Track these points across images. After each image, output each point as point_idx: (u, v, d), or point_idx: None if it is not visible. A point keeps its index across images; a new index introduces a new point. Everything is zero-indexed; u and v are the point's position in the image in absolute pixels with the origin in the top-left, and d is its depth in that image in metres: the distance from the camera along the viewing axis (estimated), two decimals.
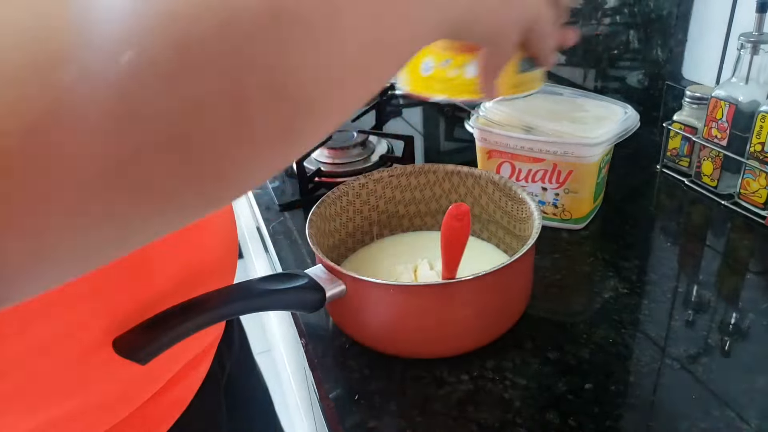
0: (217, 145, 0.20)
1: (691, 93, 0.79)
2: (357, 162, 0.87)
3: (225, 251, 0.53)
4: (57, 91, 0.17)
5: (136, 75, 0.18)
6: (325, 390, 0.52)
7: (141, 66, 0.18)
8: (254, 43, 0.20)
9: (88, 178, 0.18)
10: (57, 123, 0.17)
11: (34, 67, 0.16)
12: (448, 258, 0.52)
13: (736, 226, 0.72)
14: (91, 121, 0.17)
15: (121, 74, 0.17)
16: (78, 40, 0.17)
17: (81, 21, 0.17)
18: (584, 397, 0.50)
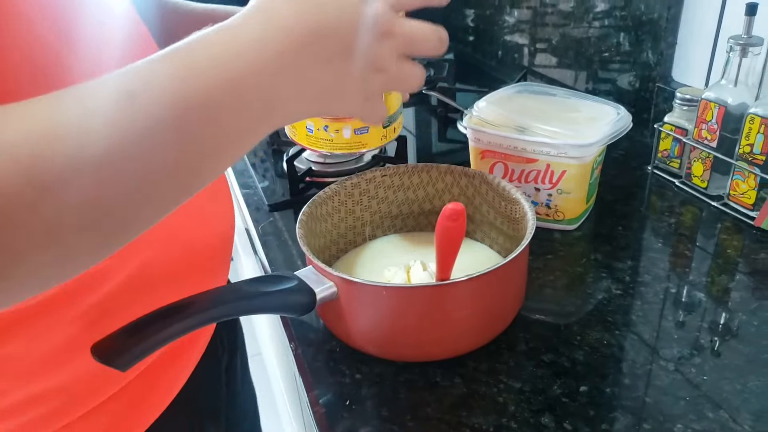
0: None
1: (681, 95, 0.79)
2: (349, 162, 0.86)
3: (221, 244, 0.55)
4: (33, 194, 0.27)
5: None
6: (315, 395, 0.51)
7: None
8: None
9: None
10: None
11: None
12: (442, 258, 0.51)
13: (726, 227, 0.72)
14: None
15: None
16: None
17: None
18: (579, 400, 0.49)
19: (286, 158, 0.82)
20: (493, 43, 1.30)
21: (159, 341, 0.41)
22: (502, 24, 1.26)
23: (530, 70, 1.20)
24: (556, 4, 1.09)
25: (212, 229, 0.54)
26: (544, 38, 1.15)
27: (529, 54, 1.20)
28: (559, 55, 1.12)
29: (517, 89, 0.77)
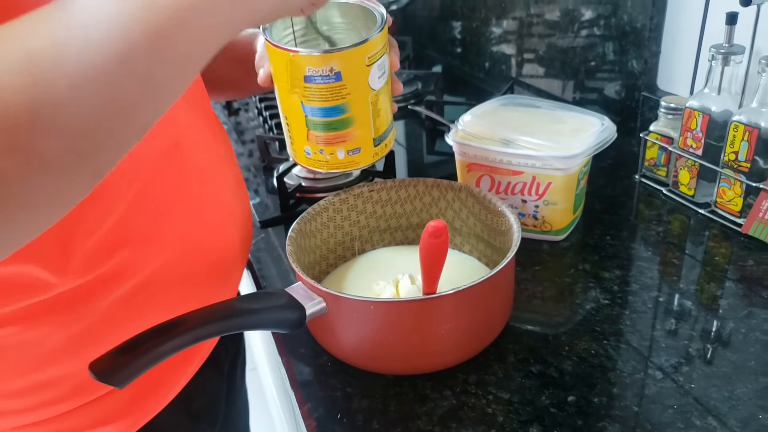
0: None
1: (666, 104, 0.80)
2: (338, 177, 0.87)
3: (238, 247, 0.58)
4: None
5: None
6: (307, 409, 0.52)
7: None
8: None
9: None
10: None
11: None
12: (427, 273, 0.51)
13: (714, 235, 0.72)
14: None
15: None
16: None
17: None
18: (567, 410, 0.50)
19: (276, 175, 0.83)
20: (480, 54, 1.32)
21: (153, 359, 0.42)
22: (489, 35, 1.27)
23: (517, 80, 1.21)
24: (542, 15, 1.11)
25: (229, 233, 0.56)
26: (530, 49, 1.16)
27: (517, 65, 1.22)
28: (545, 66, 1.13)
29: (502, 102, 0.78)
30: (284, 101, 0.55)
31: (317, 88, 0.52)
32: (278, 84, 0.55)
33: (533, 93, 1.17)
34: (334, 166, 0.57)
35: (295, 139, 0.57)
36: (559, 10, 1.06)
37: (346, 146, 0.56)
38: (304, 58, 0.51)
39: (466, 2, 1.32)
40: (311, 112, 0.54)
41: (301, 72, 0.51)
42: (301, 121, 0.55)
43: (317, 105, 0.53)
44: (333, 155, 0.56)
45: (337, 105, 0.53)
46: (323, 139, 0.55)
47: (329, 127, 0.54)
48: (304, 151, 0.57)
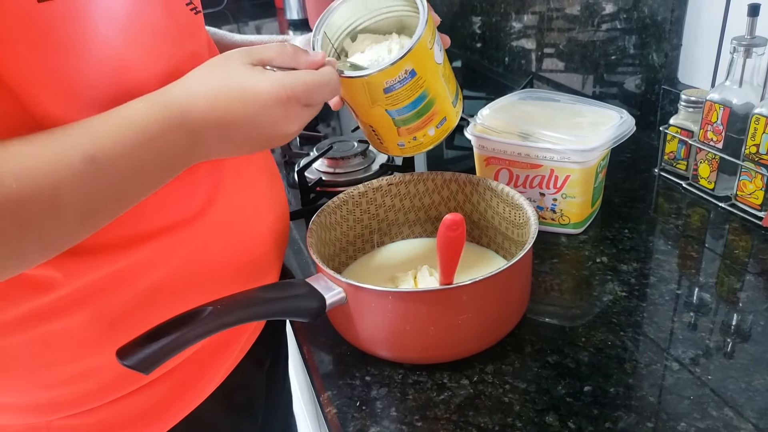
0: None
1: (686, 97, 0.80)
2: (358, 171, 0.88)
3: (272, 247, 0.60)
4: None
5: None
6: (327, 397, 0.53)
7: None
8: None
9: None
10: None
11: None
12: (444, 265, 0.52)
13: (734, 228, 0.72)
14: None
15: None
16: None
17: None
18: (583, 399, 0.50)
19: (297, 169, 0.84)
20: (500, 49, 1.32)
21: (178, 345, 0.44)
22: (509, 30, 1.27)
23: (537, 75, 1.21)
24: (562, 9, 1.10)
25: (261, 229, 0.58)
26: (550, 43, 1.16)
27: (536, 59, 1.21)
28: (565, 60, 1.13)
29: (521, 96, 0.78)
30: (366, 116, 0.58)
31: (398, 92, 0.54)
32: (355, 105, 0.58)
33: (553, 87, 1.17)
34: (429, 143, 0.60)
35: (386, 139, 0.60)
36: (579, 4, 1.05)
37: (435, 122, 0.59)
38: (379, 76, 0.53)
39: None
40: (398, 114, 0.56)
41: (380, 87, 0.54)
42: (388, 124, 0.57)
43: (402, 105, 0.56)
44: (425, 136, 0.60)
45: (419, 96, 0.56)
46: (414, 128, 0.58)
47: (417, 116, 0.57)
48: (397, 146, 0.60)
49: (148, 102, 0.42)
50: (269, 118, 0.45)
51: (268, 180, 0.60)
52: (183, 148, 0.43)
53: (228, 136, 0.45)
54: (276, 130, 0.46)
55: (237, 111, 0.44)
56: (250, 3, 2.13)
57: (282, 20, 1.92)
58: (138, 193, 0.43)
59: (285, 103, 0.45)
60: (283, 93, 0.45)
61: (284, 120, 0.46)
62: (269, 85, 0.44)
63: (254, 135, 0.46)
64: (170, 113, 0.42)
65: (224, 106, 0.43)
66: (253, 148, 0.48)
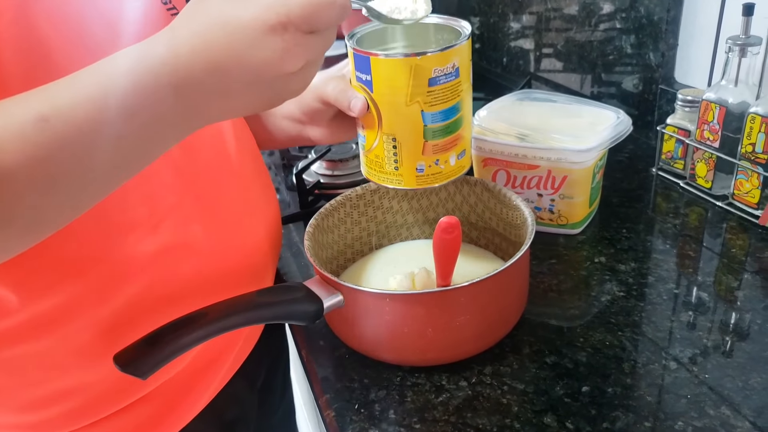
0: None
1: (682, 96, 0.80)
2: (356, 174, 0.88)
3: (261, 261, 0.57)
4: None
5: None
6: (325, 400, 0.53)
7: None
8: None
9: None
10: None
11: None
12: (441, 267, 0.52)
13: (731, 227, 0.72)
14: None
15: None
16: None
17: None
18: (581, 400, 0.50)
19: (295, 171, 0.84)
20: (497, 50, 1.32)
21: (176, 350, 0.44)
22: (507, 31, 1.27)
23: (535, 75, 1.21)
24: (559, 9, 1.11)
25: (257, 235, 0.56)
26: (548, 43, 1.16)
27: (534, 60, 1.22)
28: (563, 60, 1.13)
29: (518, 97, 0.79)
30: (394, 120, 0.53)
31: (440, 89, 0.51)
32: (388, 102, 0.53)
33: (551, 88, 1.17)
34: (447, 175, 0.57)
35: (406, 159, 0.55)
36: (576, 4, 1.06)
37: (457, 150, 0.56)
38: (430, 59, 0.50)
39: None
40: (431, 119, 0.53)
41: (426, 75, 0.50)
42: (417, 134, 0.53)
43: (439, 108, 0.52)
44: (446, 163, 0.56)
45: (454, 104, 0.53)
46: (440, 147, 0.54)
47: (447, 131, 0.54)
48: (416, 170, 0.55)
49: (119, 56, 0.36)
50: (262, 55, 0.36)
51: (260, 183, 0.60)
52: (169, 108, 0.36)
53: (222, 86, 0.37)
54: (273, 70, 0.37)
55: (222, 52, 0.36)
56: None
57: None
58: (111, 164, 0.36)
59: (280, 31, 0.36)
60: (275, 18, 0.36)
61: (283, 54, 0.36)
62: (255, 10, 0.36)
63: (252, 79, 0.37)
64: (147, 65, 0.35)
65: (208, 50, 0.36)
66: (259, 100, 0.39)
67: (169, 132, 0.38)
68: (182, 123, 0.38)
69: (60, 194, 0.35)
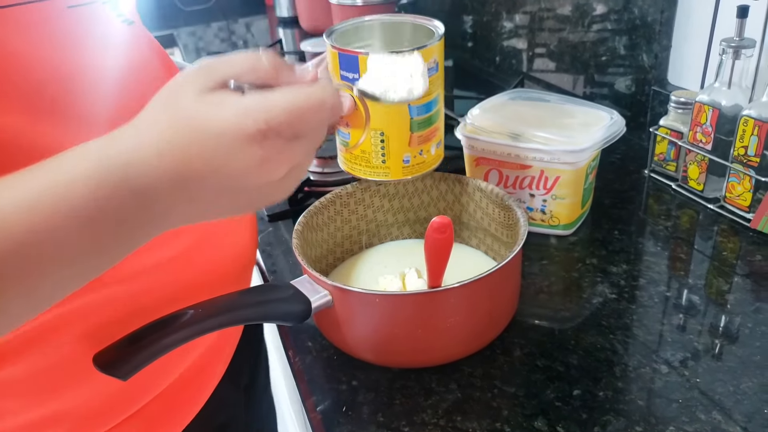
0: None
1: (676, 98, 0.80)
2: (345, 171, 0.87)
3: (239, 270, 0.55)
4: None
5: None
6: (312, 402, 0.52)
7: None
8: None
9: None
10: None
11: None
12: (432, 267, 0.52)
13: (723, 230, 0.72)
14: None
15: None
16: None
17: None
18: (572, 403, 0.50)
19: None
20: (490, 49, 1.31)
21: (158, 350, 0.43)
22: (500, 30, 1.27)
23: (528, 75, 1.21)
24: (553, 9, 1.10)
25: (230, 256, 0.54)
26: (541, 43, 1.16)
27: (527, 59, 1.21)
28: (556, 60, 1.13)
29: (511, 96, 0.78)
30: (383, 115, 0.54)
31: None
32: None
33: (543, 87, 1.17)
34: (428, 165, 0.59)
35: (393, 152, 0.57)
36: (570, 5, 1.05)
37: (436, 140, 0.59)
38: (422, 54, 0.49)
39: None
40: (417, 112, 0.55)
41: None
42: (404, 127, 0.55)
43: (424, 102, 0.54)
44: (428, 153, 0.58)
45: (434, 97, 0.56)
46: (424, 137, 0.57)
47: (429, 122, 0.56)
48: (402, 162, 0.57)
49: (84, 157, 0.32)
50: (241, 164, 0.33)
51: None
52: (132, 213, 0.33)
53: (193, 195, 0.34)
54: (253, 180, 0.34)
55: (194, 158, 0.32)
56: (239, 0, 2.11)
57: (272, 17, 1.91)
58: (69, 269, 0.33)
59: (259, 140, 0.32)
60: (253, 125, 0.32)
61: (263, 164, 0.33)
62: (231, 115, 0.32)
63: (228, 188, 0.34)
64: (107, 166, 0.32)
65: (177, 154, 0.32)
66: (236, 207, 0.36)
67: (135, 234, 0.34)
68: (148, 227, 0.34)
69: (9, 296, 0.31)
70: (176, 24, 1.86)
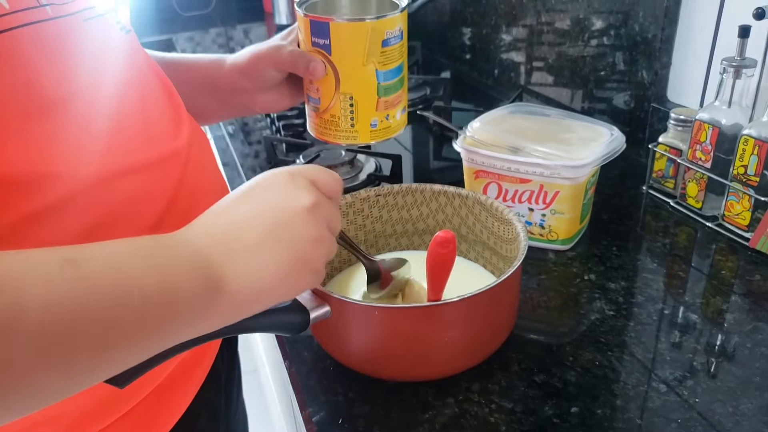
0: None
1: (675, 115, 0.80)
2: (345, 181, 0.87)
3: None
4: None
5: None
6: (308, 413, 0.51)
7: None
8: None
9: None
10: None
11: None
12: (433, 281, 0.51)
13: (721, 248, 0.72)
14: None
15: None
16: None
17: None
18: (570, 421, 0.49)
19: None
20: (489, 61, 1.32)
21: (156, 359, 0.42)
22: (499, 43, 1.27)
23: (526, 88, 1.21)
24: (552, 23, 1.11)
25: None
26: (540, 57, 1.16)
27: (526, 73, 1.22)
28: (555, 74, 1.13)
29: (511, 109, 0.78)
30: (352, 79, 0.58)
31: (391, 50, 0.57)
32: (346, 63, 0.57)
33: (542, 101, 1.17)
34: (395, 129, 0.63)
35: (361, 116, 0.60)
36: (569, 19, 1.06)
37: (401, 105, 0.62)
38: (383, 23, 0.55)
39: (476, 9, 1.32)
40: (384, 77, 0.58)
41: (380, 38, 0.56)
42: (372, 91, 0.59)
43: (390, 67, 0.58)
44: (394, 118, 0.62)
45: (400, 63, 0.59)
46: (391, 102, 0.60)
47: (395, 88, 0.60)
48: (370, 125, 0.61)
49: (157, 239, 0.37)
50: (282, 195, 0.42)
51: None
52: (200, 290, 0.36)
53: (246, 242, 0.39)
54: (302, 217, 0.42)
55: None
56: (238, 6, 2.11)
57: (270, 24, 1.91)
58: (132, 330, 0.33)
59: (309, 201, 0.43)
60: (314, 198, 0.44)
61: (312, 207, 0.43)
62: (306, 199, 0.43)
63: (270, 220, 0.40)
64: (188, 251, 0.37)
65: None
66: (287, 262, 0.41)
67: (191, 318, 0.37)
68: (206, 314, 0.38)
69: (67, 360, 0.31)
70: (174, 29, 1.85)
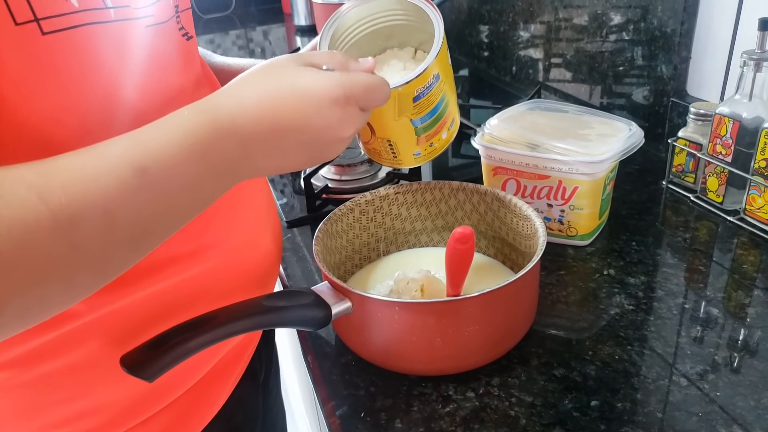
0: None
1: (695, 110, 0.79)
2: (364, 179, 0.88)
3: (268, 266, 0.57)
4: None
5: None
6: (331, 407, 0.53)
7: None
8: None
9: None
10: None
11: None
12: (452, 277, 0.52)
13: (743, 242, 0.72)
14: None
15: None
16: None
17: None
18: (590, 414, 0.50)
19: (303, 176, 0.84)
20: (507, 58, 1.32)
21: (183, 353, 0.43)
22: (517, 39, 1.27)
23: (544, 85, 1.21)
24: (570, 19, 1.10)
25: (260, 252, 0.56)
26: (558, 53, 1.16)
27: (544, 69, 1.21)
28: (573, 70, 1.13)
29: (529, 106, 0.78)
30: (386, 130, 0.56)
31: (425, 99, 0.53)
32: (377, 121, 0.55)
33: (560, 97, 1.17)
34: (441, 147, 0.60)
35: (403, 151, 0.58)
36: (587, 15, 1.05)
37: (447, 125, 0.59)
38: (412, 85, 0.51)
39: (493, 6, 1.32)
40: (421, 121, 0.55)
41: (410, 97, 0.52)
42: (410, 135, 0.56)
43: (426, 112, 0.55)
44: (440, 140, 0.59)
45: (440, 100, 0.56)
46: (432, 133, 0.57)
47: (436, 122, 0.57)
48: (413, 156, 0.59)
49: (194, 110, 0.38)
50: (325, 121, 0.41)
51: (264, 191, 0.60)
52: (236, 159, 0.39)
53: (278, 146, 0.41)
54: (330, 134, 0.42)
55: (290, 114, 0.40)
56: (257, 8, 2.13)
57: (290, 26, 1.92)
58: (191, 210, 0.39)
59: (343, 104, 0.42)
60: (341, 93, 0.42)
61: (340, 123, 0.42)
62: (327, 84, 0.41)
63: (307, 142, 0.42)
64: (219, 122, 0.38)
65: (276, 111, 0.40)
66: (303, 159, 0.43)
67: (228, 182, 0.40)
68: (239, 172, 0.40)
69: (143, 246, 0.36)
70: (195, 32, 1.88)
